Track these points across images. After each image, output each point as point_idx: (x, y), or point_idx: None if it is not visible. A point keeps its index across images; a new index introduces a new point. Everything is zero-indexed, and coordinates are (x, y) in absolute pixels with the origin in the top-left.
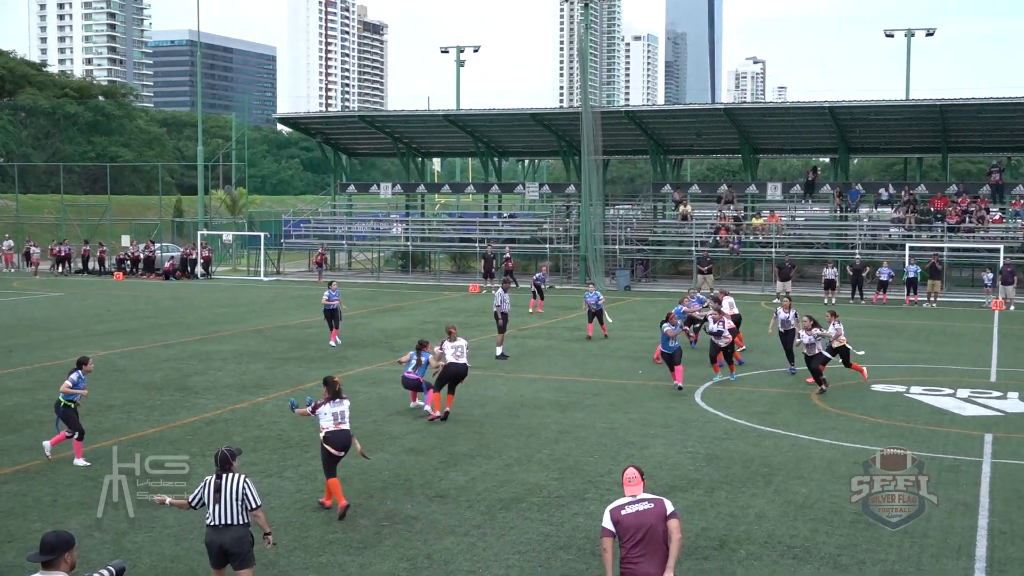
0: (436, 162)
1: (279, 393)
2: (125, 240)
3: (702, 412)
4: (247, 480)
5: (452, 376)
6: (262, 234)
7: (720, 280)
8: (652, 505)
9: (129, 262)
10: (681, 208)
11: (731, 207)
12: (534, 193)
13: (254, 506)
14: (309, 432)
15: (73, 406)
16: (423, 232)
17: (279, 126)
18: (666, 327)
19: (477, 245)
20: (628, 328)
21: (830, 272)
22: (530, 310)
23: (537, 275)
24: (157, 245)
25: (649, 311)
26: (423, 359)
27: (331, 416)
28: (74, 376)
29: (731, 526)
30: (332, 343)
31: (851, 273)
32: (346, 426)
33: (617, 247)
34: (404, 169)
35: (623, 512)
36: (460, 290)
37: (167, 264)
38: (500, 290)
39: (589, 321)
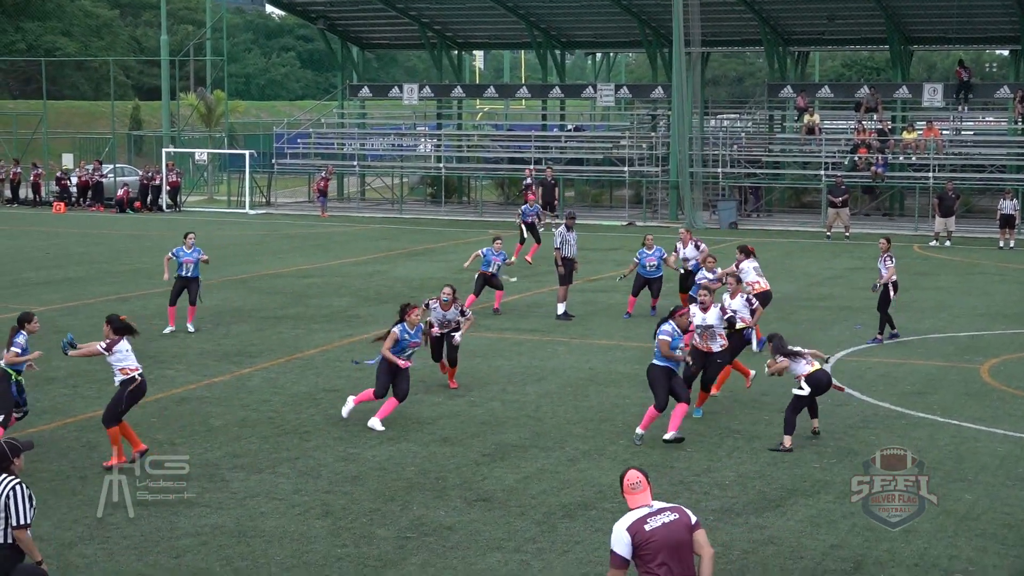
0: (478, 56)
1: (271, 363)
2: (67, 160)
3: (832, 392)
4: (20, 486)
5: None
6: (247, 153)
7: (859, 216)
8: (677, 515)
9: (73, 189)
10: (806, 118)
11: (874, 117)
12: (609, 98)
13: (16, 523)
14: (309, 415)
15: (19, 378)
16: (460, 150)
17: (268, 8)
18: (662, 336)
19: (532, 168)
20: None
21: (1008, 205)
22: (513, 258)
23: (525, 207)
24: (108, 167)
25: (762, 257)
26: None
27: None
28: (20, 339)
29: (870, 543)
30: (170, 329)
31: (1015, 205)
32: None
33: (720, 170)
34: (435, 66)
35: (647, 527)
36: (508, 227)
37: (121, 192)
38: (563, 227)
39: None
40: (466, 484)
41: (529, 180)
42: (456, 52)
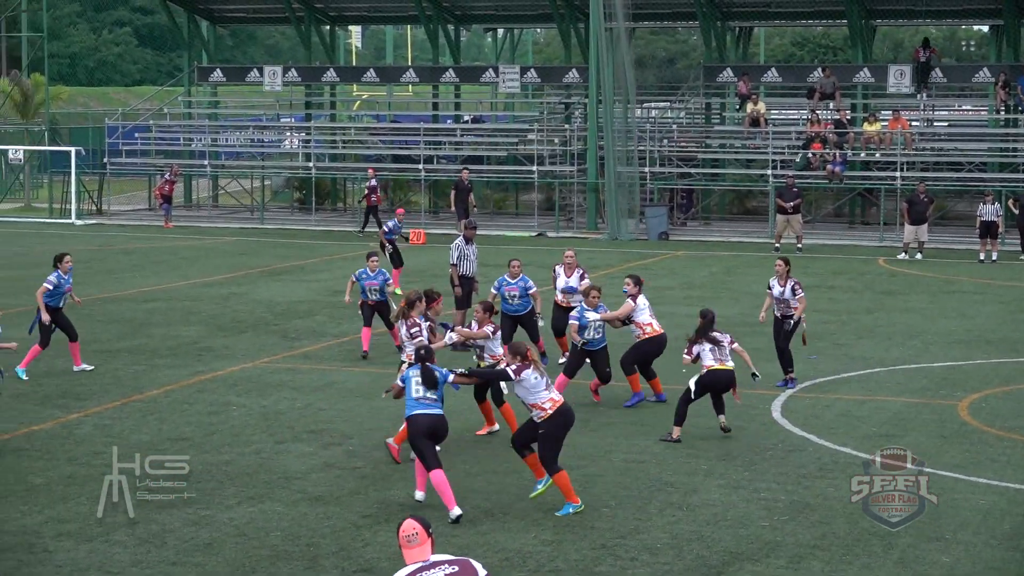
0: (355, 33)
1: (104, 407)
2: None
3: (783, 434)
4: None
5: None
6: (73, 150)
7: (812, 223)
8: (457, 569)
9: None
10: (750, 107)
11: (831, 105)
12: (513, 83)
13: None
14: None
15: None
16: (334, 147)
17: None
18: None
19: (422, 168)
20: (665, 301)
21: (989, 210)
22: (396, 288)
23: (390, 223)
24: None
25: (698, 274)
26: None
27: None
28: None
29: None
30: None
31: (1016, 212)
32: None
33: (647, 170)
34: (303, 44)
35: None
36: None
37: None
38: (460, 239)
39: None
40: (343, 552)
41: (373, 182)
42: (328, 27)
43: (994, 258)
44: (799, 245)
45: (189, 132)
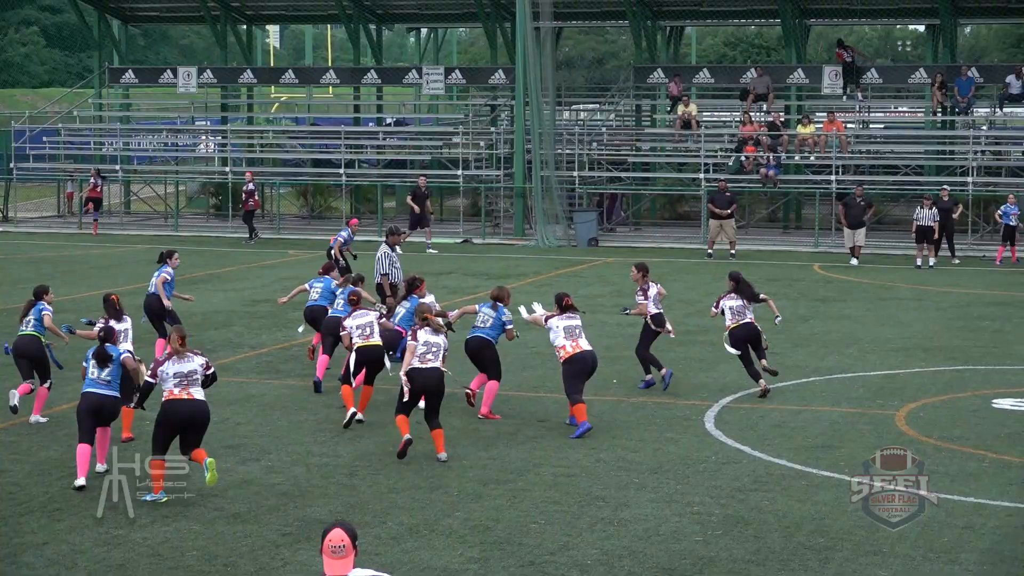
0: (273, 32)
1: (9, 423)
2: None
3: (716, 446)
4: None
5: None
6: None
7: (745, 228)
8: None
9: None
10: (681, 109)
11: (764, 107)
12: (437, 85)
13: None
14: (60, 487)
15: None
16: (251, 151)
17: None
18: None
19: (343, 173)
20: (596, 309)
21: (926, 215)
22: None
23: (344, 234)
24: None
25: (629, 281)
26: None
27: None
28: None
29: None
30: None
31: (934, 215)
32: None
33: (576, 174)
34: (218, 44)
35: None
36: (315, 246)
37: None
38: (385, 247)
39: None
40: (261, 571)
41: (251, 186)
42: (245, 27)
43: (932, 264)
44: (732, 251)
45: (100, 136)
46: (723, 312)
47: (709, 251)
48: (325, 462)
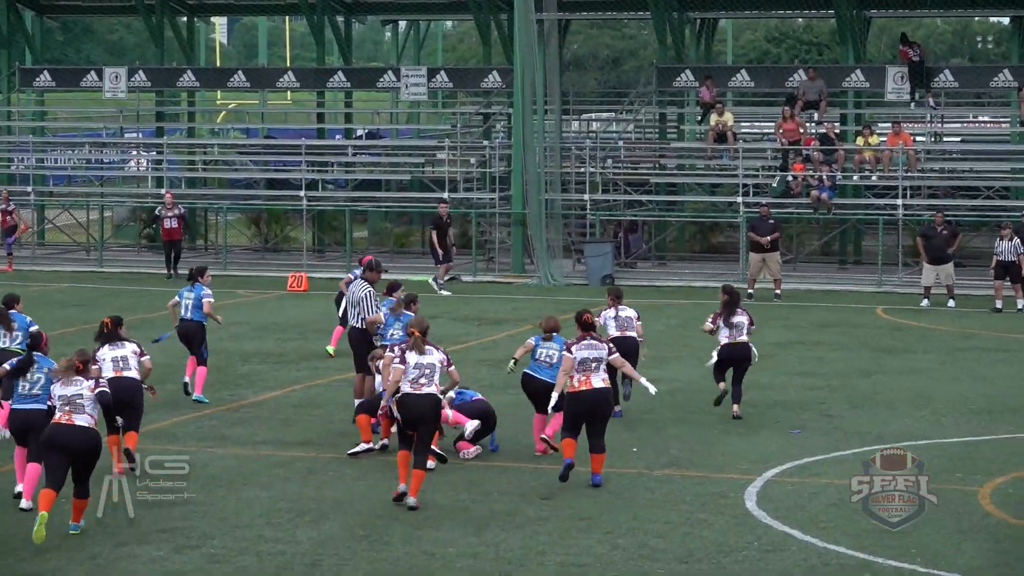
0: (219, 27)
1: None
2: None
3: (759, 530)
4: None
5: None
6: None
7: (793, 263)
8: None
9: None
10: (715, 119)
11: (815, 116)
12: (419, 89)
13: None
14: None
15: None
16: (193, 169)
17: None
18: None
19: (303, 196)
20: None
21: (1007, 248)
22: (330, 347)
23: (356, 272)
24: None
25: (651, 327)
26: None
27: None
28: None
29: None
30: None
31: (1017, 247)
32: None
33: (587, 197)
34: (153, 40)
35: None
36: (270, 285)
37: None
38: (365, 285)
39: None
40: None
41: (180, 210)
42: (186, 20)
43: (1019, 307)
44: (777, 291)
45: (8, 151)
46: (718, 329)
47: (749, 291)
48: (280, 550)
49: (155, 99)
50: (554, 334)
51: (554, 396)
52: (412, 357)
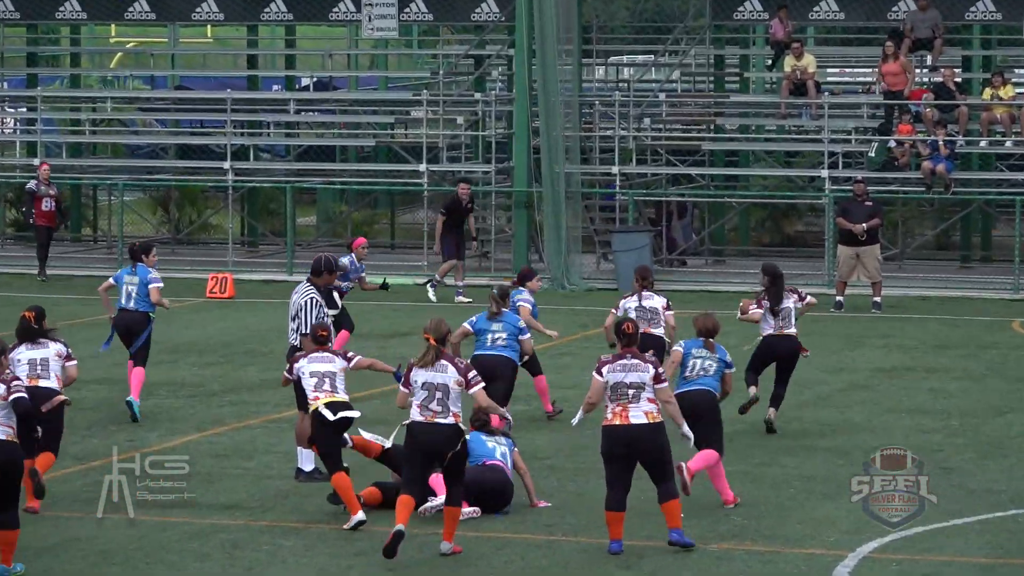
0: None
1: None
2: None
3: None
4: None
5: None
6: None
7: (898, 260)
8: None
9: None
10: (791, 64)
11: (927, 59)
12: (388, 24)
13: None
14: None
15: None
16: (77, 131)
17: None
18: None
19: (229, 168)
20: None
21: None
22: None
23: (345, 260)
24: None
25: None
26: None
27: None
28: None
29: None
30: None
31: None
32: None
33: (616, 169)
34: None
35: None
36: (187, 290)
37: None
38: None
39: None
40: None
41: (42, 187)
42: None
43: None
44: (876, 298)
45: None
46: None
47: (838, 298)
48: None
49: (25, 35)
50: (711, 339)
51: (576, 419)
52: (421, 375)
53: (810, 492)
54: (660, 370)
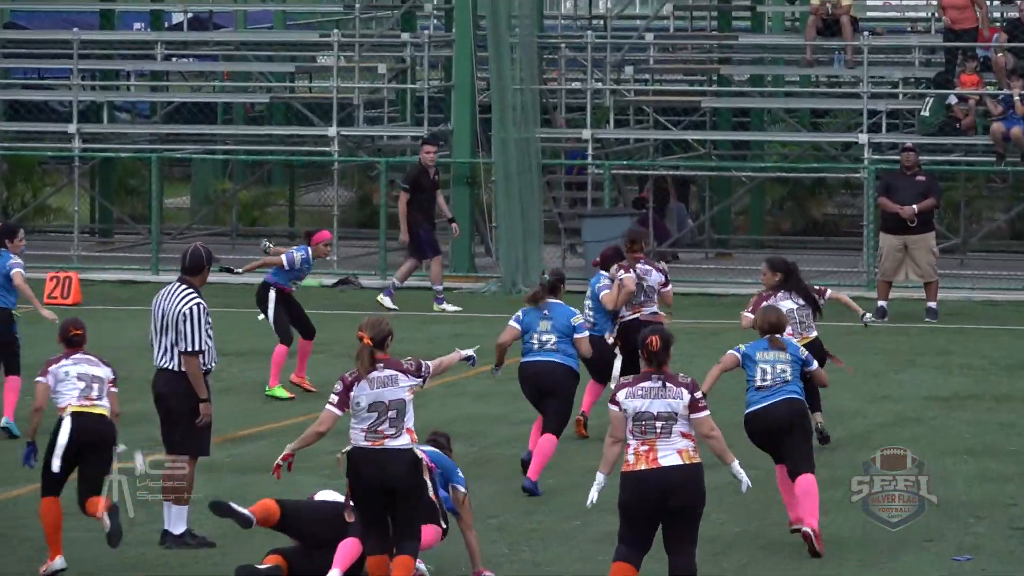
0: None
1: None
2: None
3: None
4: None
5: None
6: None
7: (960, 252)
8: None
9: None
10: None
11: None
12: None
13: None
14: None
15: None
16: None
17: None
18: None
19: (75, 133)
20: None
21: None
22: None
23: (296, 252)
24: None
25: (700, 366)
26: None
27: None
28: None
29: None
30: None
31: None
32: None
33: (587, 135)
34: None
35: None
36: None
37: None
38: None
39: None
40: None
41: None
42: None
43: None
44: (931, 303)
45: None
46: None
47: (881, 303)
48: None
49: None
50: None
51: (595, 486)
52: (364, 393)
53: (842, 560)
54: (698, 395)
